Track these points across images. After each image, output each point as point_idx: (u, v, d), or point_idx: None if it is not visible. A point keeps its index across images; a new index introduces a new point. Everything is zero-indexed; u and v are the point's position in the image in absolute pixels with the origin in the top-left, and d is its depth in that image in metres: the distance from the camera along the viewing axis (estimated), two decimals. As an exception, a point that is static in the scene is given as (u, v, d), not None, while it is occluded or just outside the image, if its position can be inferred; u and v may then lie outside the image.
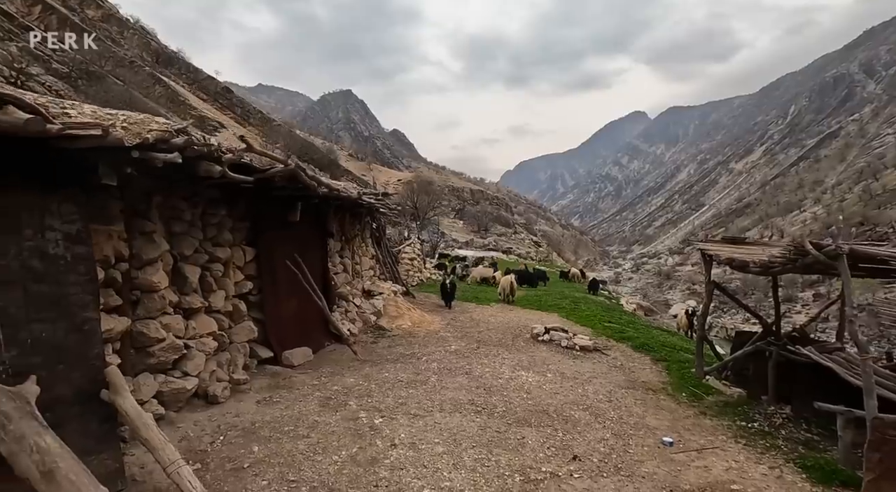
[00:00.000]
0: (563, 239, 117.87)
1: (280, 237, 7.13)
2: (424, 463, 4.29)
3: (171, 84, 52.05)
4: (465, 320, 11.57)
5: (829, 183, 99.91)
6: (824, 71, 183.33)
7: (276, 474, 3.87)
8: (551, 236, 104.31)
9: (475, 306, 14.00)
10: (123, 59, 46.48)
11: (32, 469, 2.74)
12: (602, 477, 4.28)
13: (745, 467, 4.63)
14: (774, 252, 5.47)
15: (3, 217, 3.08)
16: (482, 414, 5.62)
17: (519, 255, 49.10)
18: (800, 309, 45.63)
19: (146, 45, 62.30)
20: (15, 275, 3.10)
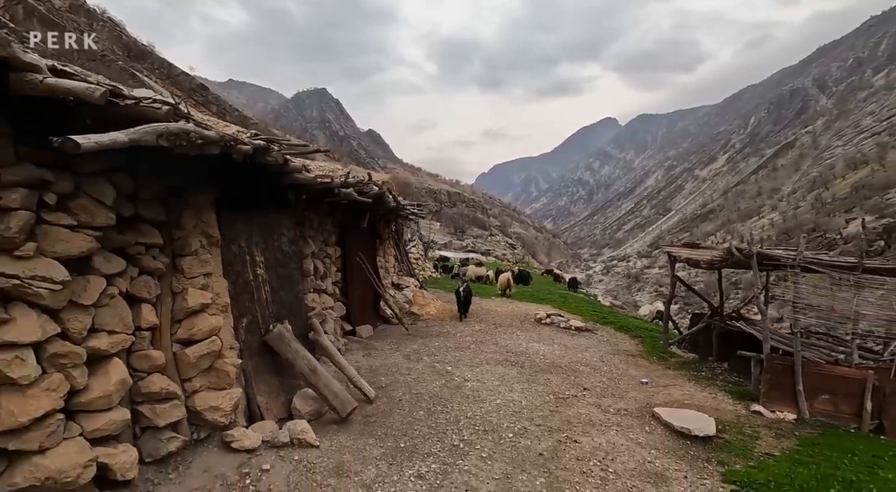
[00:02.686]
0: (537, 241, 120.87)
1: (353, 240, 9.26)
2: (490, 388, 6.58)
3: (144, 79, 51.76)
4: (477, 309, 13.86)
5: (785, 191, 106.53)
6: (781, 84, 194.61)
7: (404, 390, 6.10)
8: (525, 239, 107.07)
9: (479, 299, 16.28)
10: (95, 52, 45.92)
11: (304, 368, 4.91)
12: (604, 397, 6.68)
13: (693, 393, 7.14)
14: (716, 254, 8.06)
15: (266, 228, 5.18)
16: (515, 366, 7.95)
17: (497, 257, 51.62)
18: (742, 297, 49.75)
19: (117, 37, 60.91)
20: (272, 262, 5.21)
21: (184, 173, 3.90)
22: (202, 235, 4.14)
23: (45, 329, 2.77)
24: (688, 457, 4.88)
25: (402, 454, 4.44)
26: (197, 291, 3.96)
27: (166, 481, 3.42)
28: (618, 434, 5.34)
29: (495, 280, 23.29)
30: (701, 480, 4.38)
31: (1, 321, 2.60)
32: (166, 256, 3.83)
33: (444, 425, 5.22)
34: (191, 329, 3.87)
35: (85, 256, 3.05)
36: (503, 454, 4.63)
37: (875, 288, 6.54)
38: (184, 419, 3.71)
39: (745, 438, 5.47)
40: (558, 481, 4.17)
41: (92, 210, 3.10)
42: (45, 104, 2.48)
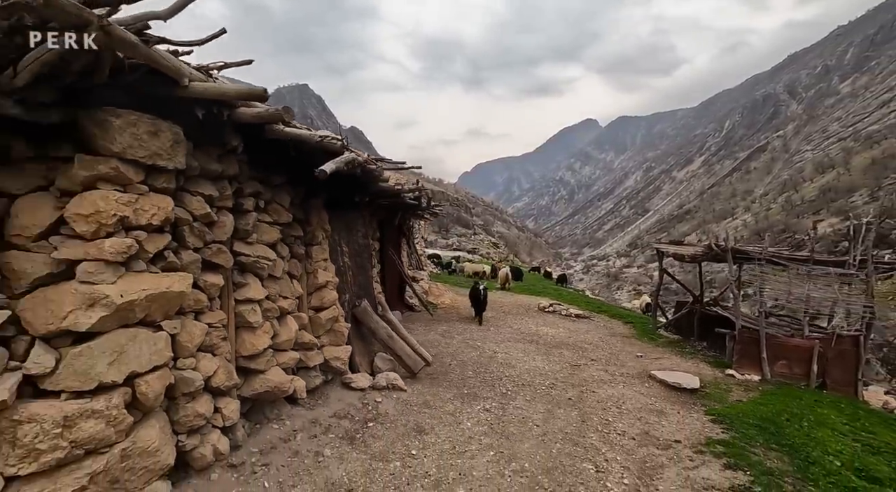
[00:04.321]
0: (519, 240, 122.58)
1: (387, 235, 10.56)
2: (516, 358, 8.02)
3: None
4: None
5: (758, 193, 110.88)
6: (754, 89, 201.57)
7: (450, 358, 7.49)
8: (508, 238, 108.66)
9: (483, 291, 17.77)
10: None
11: (384, 336, 6.26)
12: (609, 365, 8.19)
13: (680, 363, 8.73)
14: (698, 249, 9.68)
15: (348, 224, 6.47)
16: (532, 343, 9.42)
17: (482, 255, 53.20)
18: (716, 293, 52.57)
19: None
20: (352, 252, 6.50)
21: (312, 182, 5.18)
22: (321, 229, 5.42)
23: (262, 291, 4.06)
24: (679, 402, 6.41)
25: (467, 397, 5.83)
26: (322, 272, 5.26)
27: (317, 404, 4.74)
28: (625, 388, 6.84)
29: (492, 275, 24.85)
30: (690, 414, 5.90)
31: (242, 285, 3.89)
32: (304, 246, 5.11)
33: (490, 380, 6.63)
34: (321, 300, 5.17)
35: (274, 243, 4.34)
36: (541, 399, 6.07)
37: (822, 277, 8.23)
38: (321, 364, 5.02)
39: (721, 391, 7.05)
40: (587, 414, 5.63)
41: (279, 211, 4.39)
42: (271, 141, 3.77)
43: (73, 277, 2.58)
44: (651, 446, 4.80)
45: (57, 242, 2.59)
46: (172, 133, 2.95)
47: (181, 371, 3.20)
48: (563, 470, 4.19)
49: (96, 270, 2.58)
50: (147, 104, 2.87)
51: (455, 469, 4.05)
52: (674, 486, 3.98)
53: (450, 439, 4.60)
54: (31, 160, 2.61)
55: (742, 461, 4.38)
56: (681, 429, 5.32)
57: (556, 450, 4.58)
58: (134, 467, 2.74)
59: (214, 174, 3.56)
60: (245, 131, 3.60)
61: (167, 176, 3.06)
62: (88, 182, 2.60)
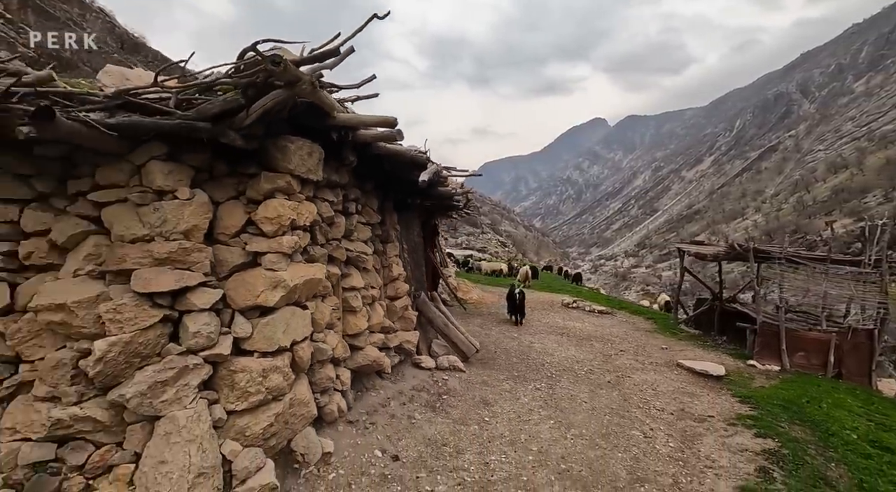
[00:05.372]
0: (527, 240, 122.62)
1: (427, 233, 11.29)
2: (552, 348, 8.73)
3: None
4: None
5: (769, 193, 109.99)
6: (766, 88, 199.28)
7: (494, 347, 8.23)
8: (515, 237, 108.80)
9: (504, 290, 18.44)
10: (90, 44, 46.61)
11: (440, 324, 6.99)
12: (638, 355, 8.87)
13: (703, 355, 9.37)
14: (720, 249, 10.30)
15: (406, 224, 7.21)
16: (563, 336, 10.12)
17: (491, 254, 53.84)
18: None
19: (110, 29, 61.84)
20: (410, 249, 7.24)
21: (388, 187, 5.93)
22: (393, 228, 6.18)
23: (362, 281, 4.82)
24: (707, 386, 7.08)
25: (518, 379, 6.56)
26: (395, 266, 6.01)
27: (398, 379, 5.50)
28: (656, 374, 7.52)
29: (509, 273, 25.55)
30: (718, 396, 6.58)
31: (347, 275, 4.65)
32: (382, 242, 5.87)
33: (534, 366, 7.35)
34: (395, 290, 5.93)
35: (366, 241, 5.09)
36: (583, 382, 6.78)
37: (838, 275, 8.83)
38: (396, 346, 5.77)
39: (744, 378, 7.70)
40: (627, 394, 6.33)
41: (370, 213, 5.15)
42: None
43: (259, 266, 3.34)
44: (688, 420, 5.49)
45: (247, 238, 3.35)
46: (318, 153, 3.71)
47: (316, 343, 3.96)
48: (616, 435, 4.90)
49: (276, 261, 3.33)
50: (298, 130, 3.63)
51: (524, 433, 4.78)
52: (713, 449, 4.67)
53: (513, 410, 5.34)
54: (227, 176, 3.37)
55: (770, 432, 5.06)
56: (712, 407, 6.01)
57: (606, 421, 5.29)
58: (295, 413, 3.50)
59: (334, 184, 4.32)
60: (357, 148, 4.35)
61: (311, 187, 3.82)
62: (269, 193, 3.36)
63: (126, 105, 2.63)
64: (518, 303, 10.99)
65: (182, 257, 2.97)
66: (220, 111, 2.73)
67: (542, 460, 4.23)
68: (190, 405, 2.84)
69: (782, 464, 4.28)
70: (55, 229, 2.92)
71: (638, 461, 4.34)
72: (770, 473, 4.09)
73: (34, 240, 2.97)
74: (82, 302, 2.75)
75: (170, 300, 2.97)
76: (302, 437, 3.55)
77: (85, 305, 2.76)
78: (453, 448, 4.29)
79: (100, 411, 2.72)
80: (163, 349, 2.92)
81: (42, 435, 2.65)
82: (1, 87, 2.20)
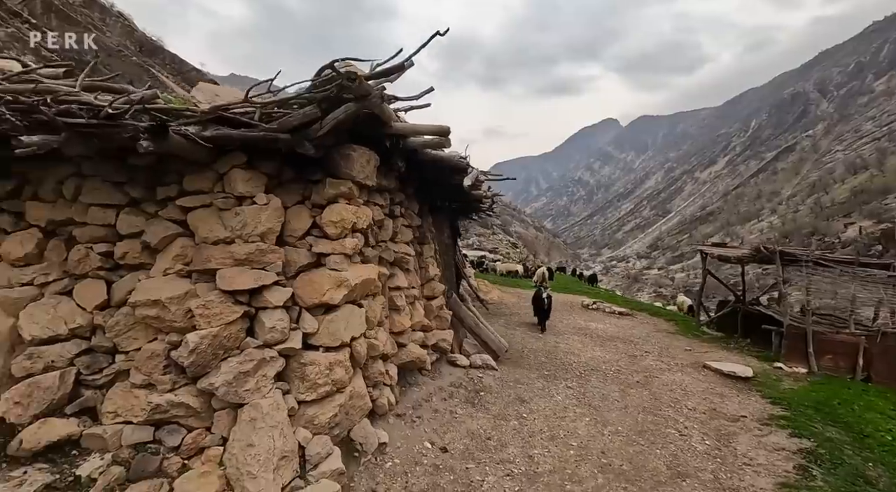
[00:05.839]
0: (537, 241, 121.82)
1: (452, 234, 11.49)
2: (577, 349, 8.85)
3: (157, 75, 53.84)
4: (526, 297, 16.08)
5: (785, 195, 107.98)
6: (782, 88, 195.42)
7: (520, 347, 8.38)
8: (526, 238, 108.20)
9: (522, 290, 18.57)
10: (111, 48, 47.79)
11: (471, 323, 7.18)
12: (662, 357, 8.95)
13: (728, 356, 9.41)
14: (744, 251, 10.32)
15: (438, 225, 7.41)
16: (586, 337, 10.22)
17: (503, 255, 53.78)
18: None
19: (129, 33, 63.43)
20: (440, 250, 7.43)
21: (426, 190, 6.14)
22: (428, 229, 6.38)
23: (405, 281, 5.03)
24: (735, 388, 7.15)
25: (549, 377, 6.71)
26: (432, 267, 6.21)
27: (437, 376, 5.70)
28: (683, 375, 7.60)
29: (524, 275, 25.65)
30: (748, 397, 6.65)
31: (392, 275, 4.86)
32: (419, 244, 6.08)
33: (562, 365, 7.49)
34: (431, 290, 6.13)
35: (408, 242, 5.31)
36: (612, 381, 6.90)
37: (867, 278, 8.81)
38: (433, 344, 5.97)
39: (772, 380, 7.74)
40: (657, 394, 6.44)
41: (411, 216, 5.36)
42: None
43: (323, 266, 3.56)
44: (721, 419, 5.59)
45: (312, 240, 3.58)
46: (375, 160, 3.93)
47: (369, 339, 4.18)
48: (651, 432, 5.03)
49: (339, 261, 3.56)
50: (355, 139, 3.85)
51: (562, 429, 4.93)
52: (749, 447, 4.78)
53: (548, 407, 5.49)
54: (293, 182, 3.60)
55: (805, 432, 5.14)
56: (744, 407, 6.09)
57: (640, 419, 5.43)
58: (354, 405, 3.71)
59: (383, 188, 4.54)
60: (405, 154, 4.56)
61: (366, 191, 4.04)
62: (332, 198, 3.58)
63: (216, 119, 2.87)
64: (546, 307, 10.47)
65: (259, 258, 3.21)
66: (299, 123, 2.95)
67: (583, 455, 4.38)
68: (269, 395, 3.07)
69: (820, 463, 4.37)
70: (148, 232, 3.17)
71: (676, 458, 4.47)
72: (809, 470, 4.19)
73: (127, 241, 3.23)
74: (174, 298, 3.00)
75: (247, 297, 3.21)
76: (360, 427, 3.76)
77: (176, 301, 3.00)
78: (497, 442, 4.46)
79: (191, 398, 2.96)
80: (241, 343, 3.16)
81: (142, 419, 2.89)
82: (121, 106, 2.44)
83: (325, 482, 3.01)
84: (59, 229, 3.33)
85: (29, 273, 3.21)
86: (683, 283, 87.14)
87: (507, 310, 13.05)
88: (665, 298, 56.52)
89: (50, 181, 3.29)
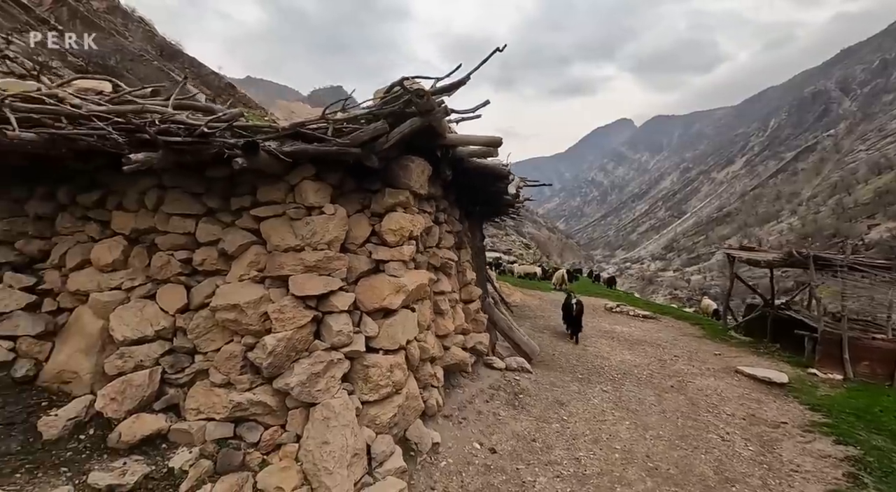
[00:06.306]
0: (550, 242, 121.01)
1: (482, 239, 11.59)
2: (606, 352, 8.87)
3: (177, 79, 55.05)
4: (548, 299, 16.15)
5: (805, 195, 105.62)
6: (803, 86, 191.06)
7: (550, 350, 8.43)
8: (539, 239, 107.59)
9: (542, 293, 18.58)
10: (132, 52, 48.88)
11: (505, 326, 7.27)
12: (692, 361, 8.91)
13: (757, 361, 9.33)
14: (774, 255, 10.21)
15: (472, 229, 7.52)
16: (614, 340, 10.23)
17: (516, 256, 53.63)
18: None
19: (150, 37, 64.94)
20: (474, 253, 7.54)
21: (464, 197, 6.27)
22: (465, 234, 6.50)
23: (449, 285, 5.16)
24: (772, 393, 7.11)
25: (584, 381, 6.77)
26: (469, 271, 6.33)
27: (476, 378, 5.81)
28: (716, 380, 7.58)
29: (542, 277, 25.60)
30: (786, 403, 6.62)
31: (436, 280, 4.99)
32: (457, 249, 6.20)
33: (594, 369, 7.54)
34: (469, 294, 6.25)
35: (451, 247, 5.43)
36: (646, 385, 6.93)
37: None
38: (471, 347, 6.08)
39: (807, 387, 7.67)
40: (693, 399, 6.45)
41: (453, 222, 5.49)
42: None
43: (381, 272, 3.71)
44: (762, 425, 5.60)
45: (371, 248, 3.73)
46: (428, 169, 4.07)
47: (420, 342, 4.31)
48: (693, 437, 5.07)
49: (398, 268, 3.70)
50: (409, 150, 3.99)
51: (604, 432, 5.00)
52: (794, 454, 4.79)
53: (587, 411, 5.57)
54: (353, 192, 3.76)
55: (850, 439, 5.12)
56: (783, 414, 6.07)
57: (680, 423, 5.46)
58: (409, 405, 3.85)
59: (431, 196, 4.68)
60: (452, 163, 4.70)
61: (418, 200, 4.17)
62: (390, 207, 3.73)
63: (293, 134, 3.03)
64: (575, 315, 9.60)
65: (326, 265, 3.36)
66: (369, 138, 3.11)
67: (628, 458, 4.45)
68: (337, 395, 3.22)
69: (870, 470, 4.36)
70: (225, 240, 3.36)
71: (722, 463, 4.51)
72: (860, 478, 4.20)
73: (205, 249, 3.42)
74: (250, 303, 3.17)
75: (315, 302, 3.37)
76: (414, 427, 3.90)
77: (252, 306, 3.18)
78: (542, 444, 4.56)
79: (268, 397, 3.13)
80: (310, 345, 3.32)
81: (223, 416, 3.07)
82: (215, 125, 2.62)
83: (391, 480, 3.15)
84: (141, 237, 3.55)
85: (117, 278, 3.43)
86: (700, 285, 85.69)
87: (531, 313, 13.10)
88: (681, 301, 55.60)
89: (133, 192, 3.51)
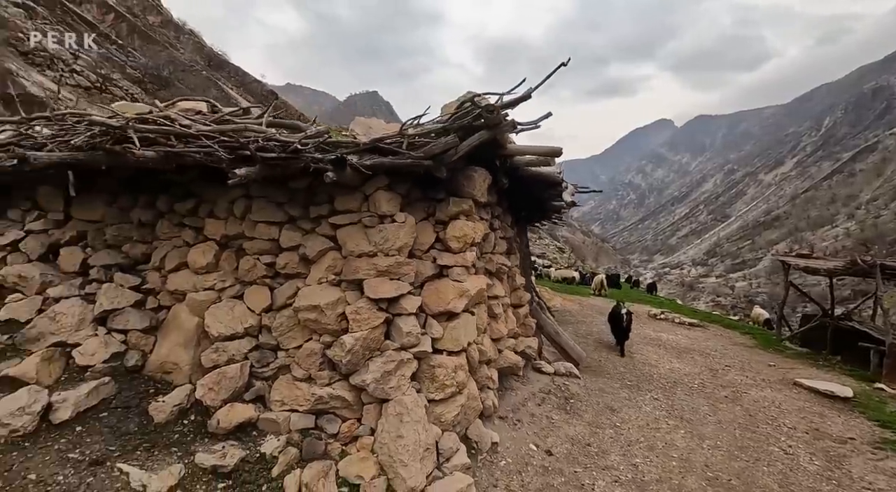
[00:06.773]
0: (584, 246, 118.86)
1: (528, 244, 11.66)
2: (654, 359, 8.71)
3: (223, 87, 57.53)
4: (588, 305, 15.94)
5: (864, 198, 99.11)
6: (861, 82, 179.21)
7: (595, 353, 8.35)
8: (573, 242, 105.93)
9: (581, 298, 18.33)
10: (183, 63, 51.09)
11: (551, 331, 7.30)
12: (745, 372, 8.60)
13: (818, 374, 8.88)
14: (835, 263, 9.71)
15: (519, 234, 7.62)
16: (661, 348, 10.00)
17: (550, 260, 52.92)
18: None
19: (199, 48, 68.23)
20: (521, 253, 7.63)
21: (516, 203, 6.39)
22: (515, 240, 6.61)
23: (502, 290, 5.29)
24: (835, 408, 6.78)
25: (633, 388, 6.71)
26: (518, 276, 6.44)
27: (527, 381, 5.91)
28: (773, 392, 7.31)
29: (581, 282, 25.21)
30: (852, 419, 6.31)
31: (491, 285, 5.13)
32: (508, 254, 6.32)
33: (643, 377, 7.44)
34: (518, 298, 6.35)
35: (503, 253, 5.57)
36: (698, 395, 6.78)
37: None
38: (520, 351, 6.18)
39: (874, 402, 7.25)
40: (750, 410, 6.27)
41: (506, 228, 5.62)
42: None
43: (445, 277, 3.90)
44: (827, 440, 5.38)
45: (435, 253, 3.93)
46: (488, 179, 4.24)
47: (478, 345, 4.47)
48: (753, 449, 4.96)
49: (461, 273, 3.88)
50: (471, 160, 4.17)
51: (659, 440, 4.98)
52: (865, 471, 4.60)
53: (640, 418, 5.54)
54: (419, 201, 3.98)
55: (926, 458, 4.86)
56: (849, 429, 5.80)
57: (738, 434, 5.34)
58: (470, 405, 4.00)
59: (488, 203, 4.84)
60: (509, 171, 4.84)
61: (478, 207, 4.34)
62: (454, 214, 3.92)
63: (371, 149, 3.28)
64: (625, 326, 8.95)
65: (396, 270, 3.59)
66: (440, 151, 3.31)
67: (686, 467, 4.42)
68: (407, 392, 3.42)
69: (951, 491, 4.15)
70: (306, 246, 3.66)
71: (786, 476, 4.40)
72: (940, 498, 4.00)
73: (287, 253, 3.73)
74: (329, 304, 3.43)
75: (386, 305, 3.60)
76: (474, 427, 4.05)
77: (330, 307, 3.44)
78: (597, 448, 4.60)
79: (345, 392, 3.38)
80: (381, 345, 3.54)
81: (306, 408, 3.34)
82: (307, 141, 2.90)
83: (458, 475, 3.31)
84: (231, 242, 3.91)
85: (210, 280, 3.80)
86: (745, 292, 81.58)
87: (573, 317, 12.99)
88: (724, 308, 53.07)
89: (223, 202, 3.88)
